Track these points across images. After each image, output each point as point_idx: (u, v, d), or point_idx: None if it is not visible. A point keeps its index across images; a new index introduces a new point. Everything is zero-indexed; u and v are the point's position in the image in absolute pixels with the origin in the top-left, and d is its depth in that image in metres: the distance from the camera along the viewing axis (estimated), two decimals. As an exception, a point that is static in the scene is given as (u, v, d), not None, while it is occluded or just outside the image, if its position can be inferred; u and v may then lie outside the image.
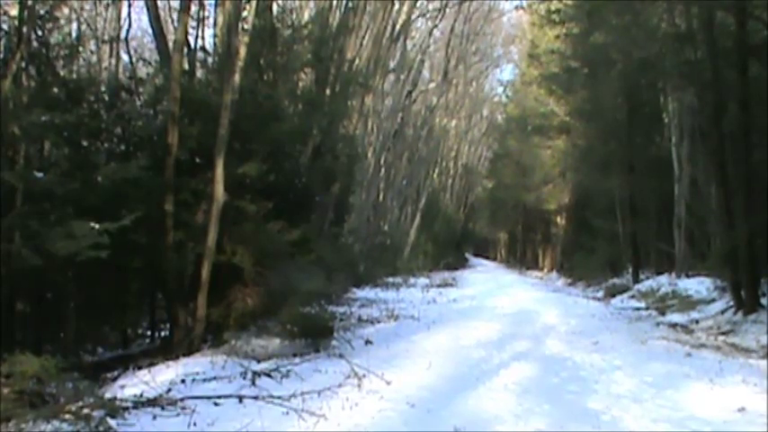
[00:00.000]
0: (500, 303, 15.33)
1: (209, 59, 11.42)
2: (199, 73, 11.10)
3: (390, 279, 22.84)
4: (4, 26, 7.78)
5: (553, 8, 19.80)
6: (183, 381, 6.81)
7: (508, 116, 39.49)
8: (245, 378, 6.95)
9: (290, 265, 9.55)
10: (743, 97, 11.67)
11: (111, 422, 5.15)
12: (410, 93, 28.13)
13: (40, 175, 7.48)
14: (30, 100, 7.53)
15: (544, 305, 15.14)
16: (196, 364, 7.61)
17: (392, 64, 24.21)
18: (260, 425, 5.28)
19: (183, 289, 8.89)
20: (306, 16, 16.01)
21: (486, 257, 58.77)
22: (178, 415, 5.61)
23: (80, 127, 8.67)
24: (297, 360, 8.00)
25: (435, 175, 37.15)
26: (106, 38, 18.08)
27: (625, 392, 6.62)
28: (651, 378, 7.23)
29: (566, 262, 29.99)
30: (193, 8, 10.92)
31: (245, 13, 10.30)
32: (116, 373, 7.68)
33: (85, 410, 5.06)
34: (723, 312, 12.10)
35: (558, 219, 33.05)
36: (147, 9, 10.49)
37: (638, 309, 14.91)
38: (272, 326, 9.12)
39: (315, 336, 8.90)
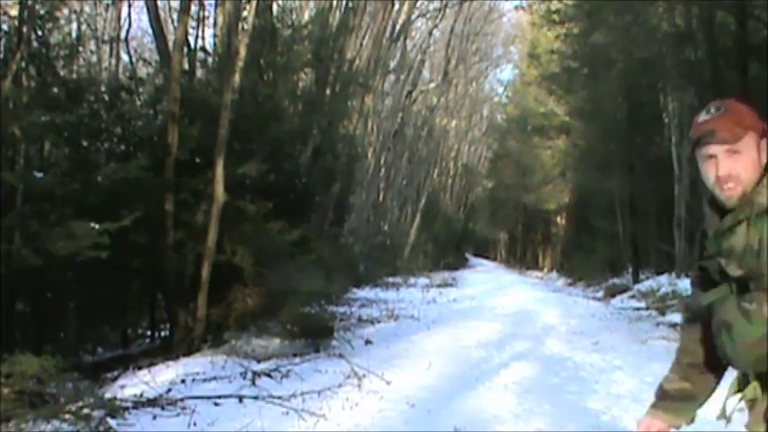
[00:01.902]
0: (500, 303, 15.33)
1: (209, 59, 11.42)
2: (199, 73, 11.09)
3: (390, 279, 22.84)
4: (4, 26, 7.77)
5: (553, 8, 19.78)
6: (183, 381, 6.81)
7: (508, 116, 39.48)
8: (245, 378, 6.95)
9: (290, 265, 9.55)
10: (743, 97, 11.66)
11: (111, 422, 5.15)
12: (410, 93, 28.13)
13: (40, 175, 7.48)
14: (30, 100, 7.53)
15: (544, 305, 15.14)
16: (196, 364, 7.61)
17: (392, 64, 24.21)
18: (260, 425, 5.28)
19: (183, 289, 8.89)
20: (306, 16, 16.01)
21: (486, 257, 58.74)
22: (178, 415, 5.61)
23: (80, 127, 8.68)
24: (297, 360, 8.00)
25: (435, 175, 37.13)
26: (106, 38, 18.09)
27: (625, 392, 6.62)
28: (651, 378, 7.22)
29: (566, 262, 30.00)
30: (193, 8, 10.91)
31: (245, 13, 10.29)
32: (116, 373, 7.68)
33: (85, 410, 5.06)
34: (723, 312, 12.06)
35: (558, 219, 33.06)
36: (147, 9, 10.49)
37: (638, 309, 14.91)
38: (272, 326, 9.12)
39: (315, 336, 8.90)
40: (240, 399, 6.06)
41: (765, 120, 1.85)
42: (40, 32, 8.17)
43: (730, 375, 2.02)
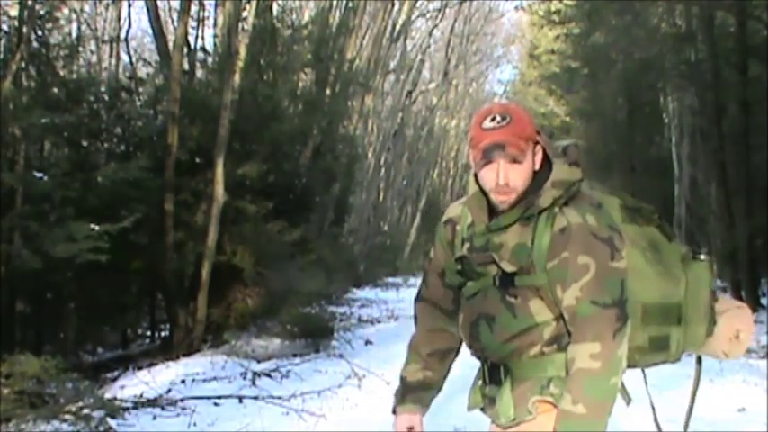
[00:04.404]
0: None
1: (209, 59, 11.41)
2: (199, 73, 11.09)
3: (390, 279, 22.85)
4: (4, 26, 7.77)
5: (553, 8, 19.76)
6: (183, 381, 6.81)
7: (508, 116, 39.39)
8: (245, 378, 6.95)
9: (290, 265, 9.55)
10: (743, 98, 11.67)
11: (111, 422, 5.16)
12: (410, 93, 28.11)
13: (39, 175, 7.48)
14: (30, 100, 7.52)
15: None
16: (196, 364, 7.61)
17: (392, 64, 24.20)
18: (260, 425, 5.28)
19: (183, 289, 8.89)
20: (306, 16, 15.99)
21: (486, 257, 58.65)
22: (178, 415, 5.61)
23: (80, 127, 8.67)
24: (297, 360, 8.00)
25: (435, 176, 37.12)
26: (106, 38, 18.04)
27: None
28: (651, 378, 7.22)
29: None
30: (193, 8, 10.89)
31: (245, 13, 10.29)
32: (116, 373, 7.69)
33: (85, 410, 5.06)
34: (723, 312, 12.06)
35: (558, 219, 32.97)
36: (147, 9, 10.48)
37: (638, 309, 14.87)
38: (272, 326, 9.13)
39: (315, 336, 8.90)
40: (240, 399, 6.06)
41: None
42: (40, 32, 8.16)
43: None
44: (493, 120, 1.79)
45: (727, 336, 2.01)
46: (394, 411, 2.12)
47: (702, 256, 1.97)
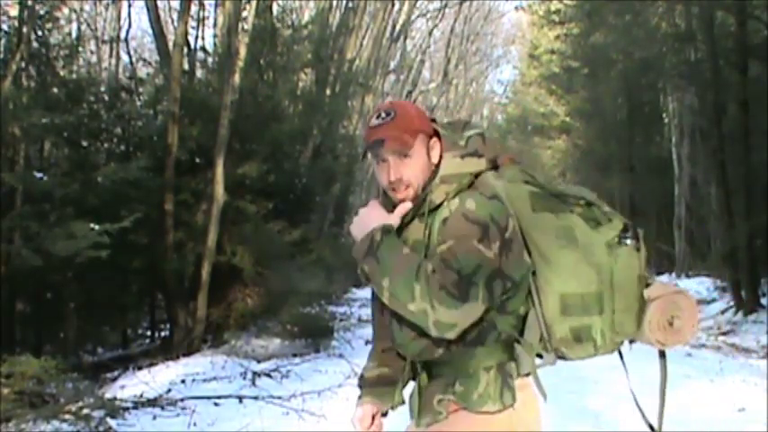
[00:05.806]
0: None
1: (209, 59, 11.42)
2: (199, 73, 11.09)
3: (390, 279, 22.80)
4: (4, 26, 7.78)
5: (553, 8, 19.77)
6: (183, 381, 6.81)
7: (508, 116, 39.49)
8: (245, 378, 6.95)
9: (290, 265, 9.55)
10: (743, 97, 11.67)
11: (111, 422, 5.16)
12: (410, 93, 28.12)
13: (39, 175, 7.48)
14: (30, 100, 7.52)
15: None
16: (196, 364, 7.61)
17: (392, 64, 24.21)
18: (260, 425, 5.28)
19: (183, 289, 8.90)
20: (306, 16, 16.00)
21: (487, 257, 58.63)
22: (178, 415, 5.61)
23: (80, 127, 8.68)
24: (297, 360, 8.00)
25: (435, 175, 37.17)
26: (106, 38, 18.06)
27: (625, 392, 6.60)
28: (652, 378, 7.21)
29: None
30: (193, 8, 10.90)
31: (245, 13, 10.29)
32: (116, 373, 7.69)
33: (85, 410, 5.06)
34: (723, 312, 12.09)
35: (558, 219, 32.95)
36: (147, 9, 10.48)
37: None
38: (272, 326, 9.13)
39: (315, 336, 8.91)
40: (240, 399, 6.06)
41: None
42: (40, 32, 8.17)
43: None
44: (378, 117, 1.80)
45: (658, 323, 1.91)
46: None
47: (629, 241, 1.85)
